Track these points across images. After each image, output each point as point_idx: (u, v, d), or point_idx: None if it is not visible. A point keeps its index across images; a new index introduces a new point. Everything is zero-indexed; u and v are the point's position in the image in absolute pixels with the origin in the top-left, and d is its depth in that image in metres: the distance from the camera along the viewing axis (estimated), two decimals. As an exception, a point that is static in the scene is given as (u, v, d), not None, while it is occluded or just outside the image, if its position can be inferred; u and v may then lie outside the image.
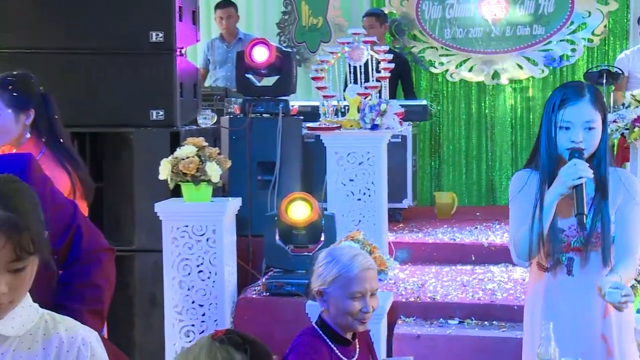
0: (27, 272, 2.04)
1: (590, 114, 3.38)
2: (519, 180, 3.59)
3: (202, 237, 5.57)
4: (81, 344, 2.12)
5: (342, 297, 3.19)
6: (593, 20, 9.57)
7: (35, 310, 2.16)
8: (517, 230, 3.52)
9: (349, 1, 10.03)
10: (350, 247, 3.52)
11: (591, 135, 3.39)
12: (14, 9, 6.19)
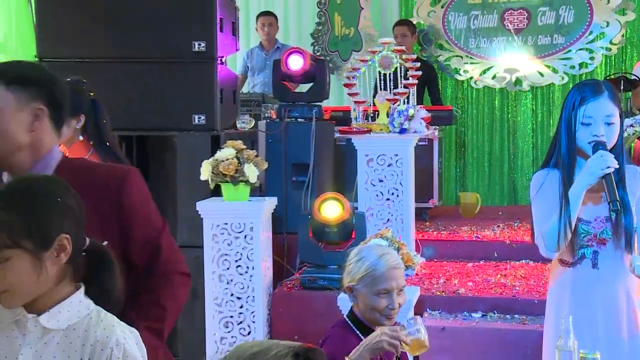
0: (12, 264, 2.04)
1: (610, 109, 3.36)
2: (538, 180, 3.55)
3: (240, 234, 5.57)
4: (114, 345, 2.10)
5: (370, 294, 3.21)
6: (611, 30, 9.49)
7: (85, 306, 2.16)
8: (543, 224, 3.47)
9: (379, 12, 10.03)
10: (378, 246, 3.49)
11: (611, 129, 3.37)
12: (70, 22, 6.24)
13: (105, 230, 2.55)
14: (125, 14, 6.25)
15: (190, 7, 6.20)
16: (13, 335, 2.13)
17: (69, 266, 2.15)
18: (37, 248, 2.06)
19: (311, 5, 10.14)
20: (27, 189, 2.16)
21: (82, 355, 2.09)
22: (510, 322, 5.53)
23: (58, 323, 2.11)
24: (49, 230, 2.08)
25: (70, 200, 2.17)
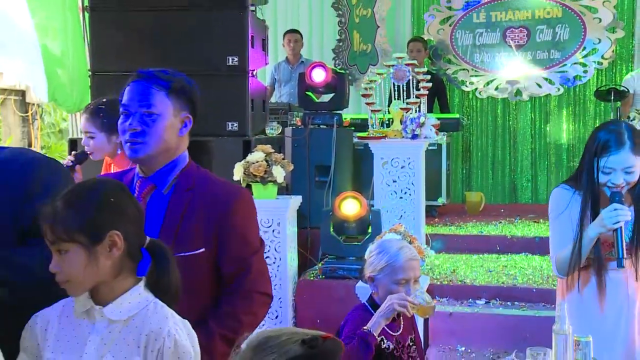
0: (69, 256, 2.07)
1: (630, 161, 3.24)
2: (562, 199, 3.45)
3: (268, 228, 5.58)
4: (166, 336, 2.10)
5: (390, 283, 3.23)
6: (603, 46, 9.46)
7: (144, 299, 2.16)
8: (558, 249, 3.43)
9: (393, 30, 10.01)
10: (397, 240, 3.52)
11: (631, 176, 3.27)
12: (119, 40, 6.29)
13: (205, 238, 2.58)
14: (167, 32, 6.27)
15: (225, 26, 6.20)
16: (84, 324, 2.14)
17: (128, 261, 2.16)
18: (90, 242, 2.07)
19: (332, 24, 10.15)
20: (85, 190, 2.18)
21: (138, 343, 2.10)
22: (511, 309, 5.51)
23: (120, 314, 2.12)
24: (100, 227, 2.09)
25: (125, 202, 2.18)
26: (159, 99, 2.59)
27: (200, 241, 2.57)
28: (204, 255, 2.57)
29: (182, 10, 6.25)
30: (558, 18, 9.55)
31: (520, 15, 9.64)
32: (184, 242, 2.54)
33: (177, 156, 2.66)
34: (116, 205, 2.15)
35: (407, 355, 3.29)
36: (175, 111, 2.62)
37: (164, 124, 2.58)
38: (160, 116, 2.58)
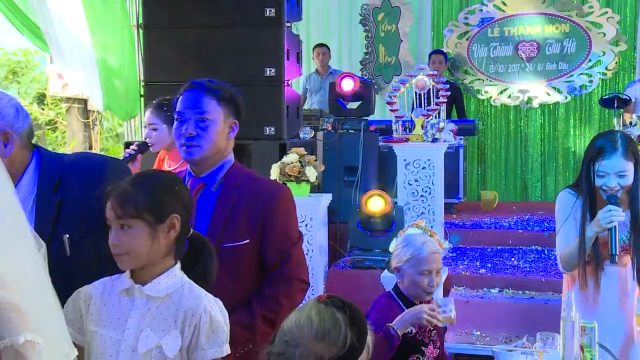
0: (133, 232, 2.09)
1: (622, 165, 3.27)
2: (567, 203, 3.48)
3: (302, 223, 5.55)
4: (202, 311, 2.12)
5: (414, 274, 3.22)
6: (607, 58, 9.37)
7: (179, 279, 2.18)
8: (562, 246, 3.45)
9: (415, 44, 9.98)
10: (421, 234, 3.49)
11: (624, 180, 3.29)
12: (169, 54, 6.34)
13: (250, 231, 2.59)
14: (211, 46, 6.30)
15: (263, 40, 6.23)
16: (124, 301, 2.15)
17: (174, 245, 2.18)
18: (154, 221, 2.11)
19: (360, 38, 10.12)
20: (154, 176, 2.25)
21: (176, 318, 2.11)
22: (522, 297, 5.49)
23: (158, 292, 2.13)
24: (164, 209, 2.13)
25: (184, 192, 2.23)
26: (211, 106, 2.61)
27: (245, 233, 2.58)
28: (248, 246, 2.59)
29: (225, 27, 6.28)
30: (566, 33, 9.48)
31: (531, 30, 9.58)
32: (230, 234, 2.57)
33: (225, 157, 2.69)
34: (178, 192, 2.19)
35: (428, 339, 3.28)
36: (225, 117, 2.65)
37: (215, 129, 2.61)
38: (213, 122, 2.61)
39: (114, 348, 2.10)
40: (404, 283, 3.27)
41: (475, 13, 9.66)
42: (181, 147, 2.61)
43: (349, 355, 1.89)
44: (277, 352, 1.91)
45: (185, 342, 2.10)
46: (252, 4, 6.22)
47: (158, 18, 6.44)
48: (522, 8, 9.55)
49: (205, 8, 6.31)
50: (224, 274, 2.34)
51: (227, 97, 2.66)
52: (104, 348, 2.11)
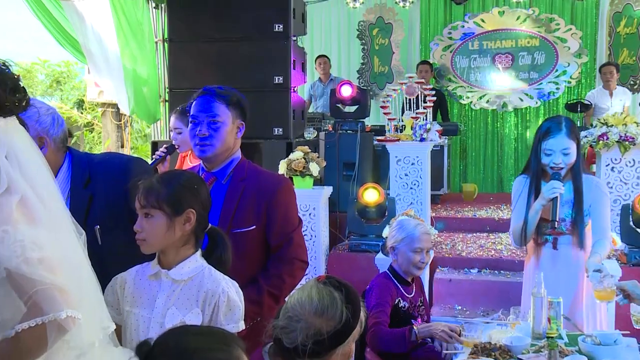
0: (153, 220, 2.12)
1: (566, 143, 3.30)
2: (519, 186, 3.51)
3: (306, 212, 5.55)
4: (221, 292, 2.14)
5: (408, 251, 3.28)
6: (571, 69, 9.36)
7: (200, 264, 2.19)
8: (514, 225, 3.47)
9: (405, 55, 9.95)
10: (413, 219, 3.52)
11: (567, 157, 3.32)
12: (191, 64, 6.36)
13: (256, 218, 2.60)
14: (227, 57, 6.31)
15: (272, 52, 6.23)
16: (153, 284, 2.17)
17: (192, 236, 2.19)
18: (172, 213, 2.12)
19: (357, 50, 10.10)
20: (176, 175, 2.26)
21: (197, 298, 2.13)
22: (498, 276, 5.48)
23: (181, 275, 2.15)
24: (182, 203, 2.14)
25: (202, 191, 2.22)
26: (221, 110, 2.62)
27: (252, 220, 2.59)
28: (255, 231, 2.60)
29: (240, 41, 6.29)
30: (536, 46, 9.45)
31: (506, 44, 9.54)
32: (239, 221, 2.58)
33: (233, 154, 2.69)
34: (197, 191, 2.20)
35: (417, 313, 3.32)
36: (233, 119, 2.65)
37: (225, 130, 2.62)
38: (223, 123, 2.61)
39: (145, 324, 2.13)
40: (398, 261, 3.31)
41: (457, 29, 9.63)
42: (195, 146, 2.63)
43: (344, 329, 1.89)
44: (281, 326, 1.91)
45: (206, 319, 2.12)
46: (263, 20, 6.21)
47: (181, 33, 6.45)
48: (499, 25, 9.51)
49: (222, 24, 6.31)
50: (234, 256, 2.35)
51: (234, 101, 2.65)
52: (137, 325, 2.14)
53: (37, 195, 1.67)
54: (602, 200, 3.39)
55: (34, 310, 1.56)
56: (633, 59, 9.26)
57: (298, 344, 1.85)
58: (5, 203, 1.62)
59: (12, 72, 1.72)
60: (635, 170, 5.54)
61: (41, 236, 1.62)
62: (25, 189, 1.65)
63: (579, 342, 2.91)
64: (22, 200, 1.64)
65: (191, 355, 1.49)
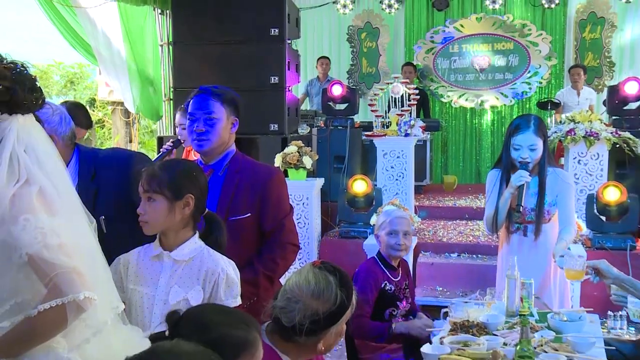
0: (155, 204, 2.12)
1: (533, 140, 3.34)
2: (492, 178, 3.55)
3: (300, 201, 5.56)
4: (220, 271, 2.14)
5: (385, 235, 3.28)
6: (542, 70, 9.36)
7: (199, 245, 2.19)
8: (487, 214, 3.52)
9: (391, 57, 9.92)
10: (394, 208, 3.53)
11: (534, 153, 3.36)
12: (194, 65, 6.33)
13: (251, 205, 2.60)
14: (228, 59, 6.29)
15: (269, 54, 6.21)
16: (155, 265, 2.17)
17: (190, 220, 2.18)
18: (172, 197, 2.12)
19: (347, 53, 10.07)
20: (178, 163, 2.28)
21: (198, 277, 2.12)
22: (475, 260, 5.51)
23: (183, 256, 2.14)
24: (181, 189, 2.13)
25: (201, 178, 2.21)
26: (216, 107, 2.61)
27: (247, 208, 2.59)
28: (250, 219, 2.59)
29: (239, 43, 6.27)
30: (510, 50, 9.45)
31: (483, 47, 9.53)
32: (235, 209, 2.58)
33: (228, 148, 2.68)
34: (195, 178, 2.19)
35: (403, 296, 3.31)
36: (227, 115, 2.64)
37: (220, 125, 2.61)
38: (218, 120, 2.61)
39: (150, 302, 2.13)
40: (382, 247, 3.29)
41: (439, 33, 9.61)
42: (193, 141, 2.62)
43: (339, 310, 1.91)
44: (280, 307, 1.92)
45: (207, 295, 2.11)
46: (260, 25, 6.19)
47: (185, 37, 6.43)
48: (476, 29, 9.50)
49: (223, 29, 6.29)
50: (231, 241, 2.34)
51: (229, 99, 2.64)
52: (142, 302, 2.14)
53: (53, 186, 1.69)
54: (568, 191, 3.42)
55: (54, 292, 1.58)
56: (597, 61, 9.29)
57: (296, 323, 1.87)
58: (25, 193, 1.63)
59: (30, 73, 1.74)
60: (599, 163, 5.57)
61: (59, 224, 1.64)
62: (43, 181, 1.67)
63: (548, 319, 2.93)
64: (41, 190, 1.66)
65: (213, 328, 1.53)
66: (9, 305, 1.65)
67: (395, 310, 3.23)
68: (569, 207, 3.41)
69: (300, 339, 1.88)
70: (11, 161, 1.64)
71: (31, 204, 1.62)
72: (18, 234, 1.59)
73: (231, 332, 1.53)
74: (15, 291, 1.64)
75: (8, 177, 1.63)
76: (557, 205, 3.42)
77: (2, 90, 1.66)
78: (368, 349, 3.18)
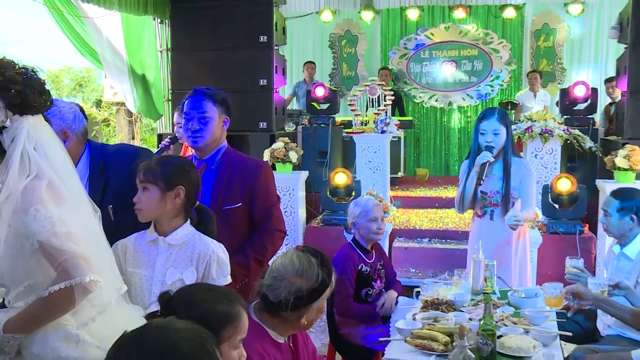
0: (149, 194, 2.12)
1: (496, 126, 3.40)
2: (464, 167, 3.58)
3: (287, 192, 5.55)
4: (211, 253, 2.14)
5: (365, 222, 3.26)
6: (503, 74, 9.42)
7: (191, 231, 2.19)
8: (456, 195, 3.58)
9: (369, 62, 9.92)
10: (363, 197, 3.52)
11: (497, 137, 3.41)
12: (191, 70, 6.31)
13: (242, 196, 2.59)
14: (221, 63, 6.26)
15: (259, 59, 6.20)
16: (152, 249, 2.16)
17: (182, 210, 2.17)
18: (165, 188, 2.11)
19: (329, 58, 10.04)
20: (173, 158, 2.26)
21: (192, 259, 2.12)
22: (444, 244, 5.52)
23: (177, 240, 2.14)
24: (173, 180, 2.12)
25: (192, 172, 2.20)
26: (209, 107, 2.61)
27: (238, 198, 2.58)
28: (241, 208, 2.59)
29: (231, 49, 6.26)
30: (475, 55, 9.48)
31: (451, 53, 9.56)
32: (228, 199, 2.57)
33: (220, 144, 2.68)
34: (187, 172, 2.18)
35: (377, 276, 3.30)
36: (219, 114, 2.63)
37: (213, 124, 2.61)
38: (211, 118, 2.61)
39: (148, 282, 2.12)
40: (360, 233, 3.27)
41: (411, 40, 9.62)
42: (188, 138, 2.62)
43: (320, 287, 1.93)
44: (267, 285, 1.93)
45: (200, 275, 2.11)
46: (250, 32, 6.18)
47: (182, 44, 6.40)
48: (445, 37, 9.52)
49: (216, 36, 6.26)
50: (224, 229, 2.34)
51: (220, 99, 2.64)
52: (141, 283, 2.13)
53: (61, 180, 1.70)
54: (529, 178, 3.45)
55: (63, 275, 1.59)
56: (551, 67, 9.40)
57: (282, 299, 1.88)
58: (35, 187, 1.64)
59: (39, 77, 1.75)
60: (553, 157, 5.62)
61: (66, 214, 1.65)
62: (51, 175, 1.68)
63: (508, 296, 2.96)
64: (49, 184, 1.67)
65: (199, 304, 1.55)
66: (23, 287, 1.68)
67: (371, 290, 3.24)
68: (530, 193, 3.44)
69: (286, 314, 1.89)
70: (22, 158, 1.66)
71: (41, 196, 1.63)
72: (29, 223, 1.60)
73: (215, 308, 1.55)
74: (29, 274, 1.66)
75: (19, 172, 1.64)
76: (519, 191, 3.44)
77: (14, 94, 1.67)
78: (348, 324, 3.19)
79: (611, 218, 3.03)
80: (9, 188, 1.64)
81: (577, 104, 6.14)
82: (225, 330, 1.53)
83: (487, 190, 3.46)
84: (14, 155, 1.65)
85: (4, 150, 1.68)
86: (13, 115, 1.68)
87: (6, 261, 1.64)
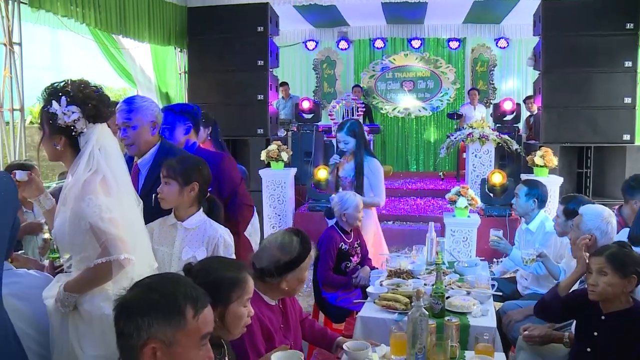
0: (170, 187, 2.09)
1: (344, 137, 3.47)
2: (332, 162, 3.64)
3: (279, 185, 5.53)
4: (219, 237, 2.12)
5: (355, 213, 3.16)
6: (450, 92, 9.46)
7: (203, 218, 2.16)
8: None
9: (344, 81, 9.89)
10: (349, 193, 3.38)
11: (347, 145, 3.46)
12: (202, 86, 6.23)
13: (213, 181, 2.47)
14: (228, 83, 6.20)
15: (257, 79, 6.13)
16: (172, 231, 2.14)
17: (196, 201, 2.15)
18: (182, 183, 2.09)
19: (313, 78, 10.00)
20: (190, 158, 2.20)
21: (203, 241, 2.10)
22: (405, 226, 5.55)
23: (191, 225, 2.12)
24: (189, 177, 2.10)
25: (204, 169, 2.17)
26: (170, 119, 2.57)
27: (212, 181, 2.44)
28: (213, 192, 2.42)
29: (235, 71, 6.19)
30: (428, 76, 9.50)
31: (409, 74, 9.56)
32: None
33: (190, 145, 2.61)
34: (200, 170, 2.15)
35: (354, 252, 3.24)
36: (180, 124, 2.58)
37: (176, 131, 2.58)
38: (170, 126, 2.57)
39: (168, 258, 2.11)
40: (347, 221, 3.18)
41: (378, 64, 9.62)
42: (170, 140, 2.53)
43: (295, 260, 1.93)
44: (255, 255, 1.96)
45: (209, 254, 2.09)
46: (250, 58, 6.15)
47: (197, 68, 6.34)
48: (404, 62, 9.53)
49: (223, 61, 6.22)
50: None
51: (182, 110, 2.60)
52: (162, 258, 2.11)
53: (113, 176, 1.74)
54: (377, 172, 3.53)
55: (104, 252, 1.65)
56: (485, 86, 9.49)
57: (264, 267, 1.91)
58: (93, 180, 1.69)
59: (105, 93, 1.82)
60: (489, 156, 5.67)
61: (112, 203, 1.70)
62: (107, 171, 1.73)
63: (454, 266, 3.00)
64: (103, 178, 1.71)
65: (212, 272, 1.56)
66: (80, 256, 1.73)
67: (349, 264, 3.22)
68: (378, 184, 3.51)
69: (269, 279, 1.91)
70: (89, 157, 1.72)
71: (95, 188, 1.68)
72: (84, 208, 1.65)
73: (225, 274, 1.56)
74: (84, 247, 1.71)
75: (85, 167, 1.70)
76: (370, 180, 3.50)
77: (91, 107, 1.73)
78: (329, 290, 3.18)
79: (519, 200, 3.17)
80: (76, 179, 1.69)
81: (506, 115, 6.29)
82: (234, 291, 1.55)
83: (342, 176, 3.55)
84: (84, 155, 1.71)
85: (79, 150, 1.73)
86: (89, 123, 1.74)
87: (70, 235, 1.70)
